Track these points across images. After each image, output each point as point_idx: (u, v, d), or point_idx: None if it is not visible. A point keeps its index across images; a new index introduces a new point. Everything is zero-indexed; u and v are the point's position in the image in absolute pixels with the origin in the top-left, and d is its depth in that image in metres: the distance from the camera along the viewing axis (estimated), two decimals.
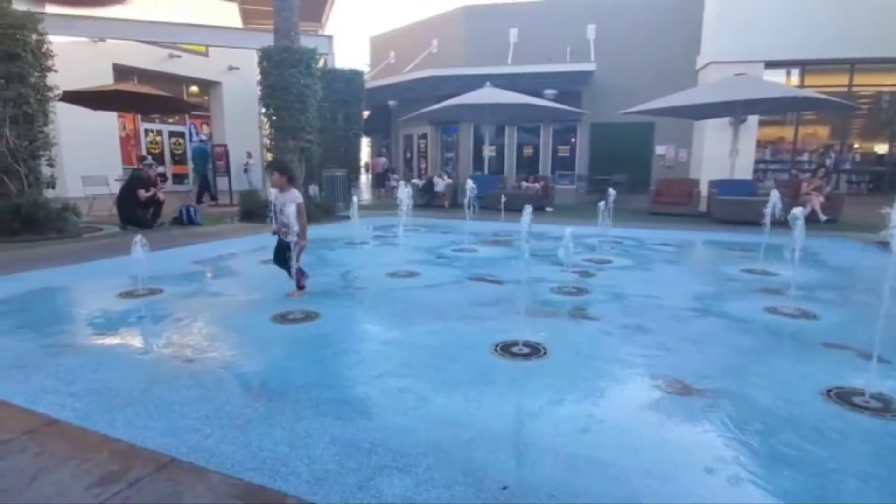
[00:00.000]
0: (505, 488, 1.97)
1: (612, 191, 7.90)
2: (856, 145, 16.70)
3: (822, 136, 16.75)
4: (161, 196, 9.63)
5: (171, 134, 19.02)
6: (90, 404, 2.60)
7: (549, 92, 16.39)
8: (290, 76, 10.61)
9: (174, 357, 3.31)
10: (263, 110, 11.25)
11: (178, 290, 5.03)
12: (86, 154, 14.15)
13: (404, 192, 6.20)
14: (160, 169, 11.21)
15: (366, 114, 18.66)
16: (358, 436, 2.32)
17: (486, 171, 15.06)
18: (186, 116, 19.04)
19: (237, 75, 19.61)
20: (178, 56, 17.92)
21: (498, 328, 3.84)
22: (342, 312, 4.42)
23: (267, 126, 11.32)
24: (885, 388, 2.73)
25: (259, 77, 11.07)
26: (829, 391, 2.81)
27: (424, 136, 21.26)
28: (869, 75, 15.52)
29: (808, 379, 2.98)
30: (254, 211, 10.25)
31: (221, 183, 14.80)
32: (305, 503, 1.84)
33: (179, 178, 18.48)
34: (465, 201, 7.72)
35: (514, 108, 13.61)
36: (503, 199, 10.44)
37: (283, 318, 4.08)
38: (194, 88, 19.70)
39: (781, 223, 5.11)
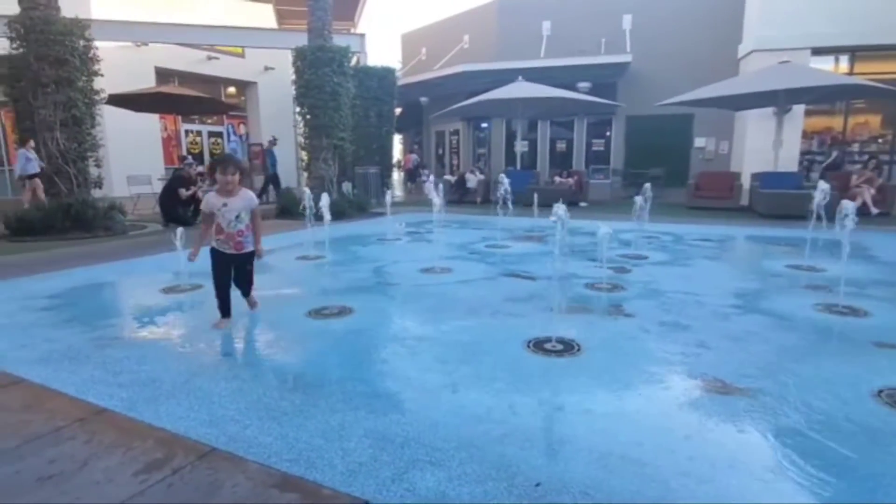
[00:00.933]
0: (538, 485, 1.95)
1: (647, 185, 7.71)
2: None
3: (874, 125, 15.92)
4: (201, 194, 9.94)
5: (210, 134, 19.59)
6: (136, 394, 2.71)
7: (583, 85, 16.10)
8: (323, 75, 10.77)
9: (214, 350, 3.42)
10: (298, 109, 11.47)
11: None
12: (130, 155, 14.74)
13: (432, 188, 6.20)
14: (199, 168, 11.57)
15: (398, 111, 18.77)
16: (391, 429, 2.34)
17: (518, 166, 14.93)
18: (224, 117, 19.57)
19: (272, 75, 20.04)
20: (216, 58, 18.42)
21: (531, 324, 3.81)
22: (376, 307, 4.47)
23: (301, 125, 11.53)
24: None
25: (293, 76, 11.28)
26: (881, 392, 2.68)
27: (456, 133, 21.24)
28: None
29: (857, 379, 2.84)
30: (289, 208, 10.47)
31: (258, 182, 15.16)
32: (341, 494, 1.87)
33: None
34: (498, 197, 7.69)
35: (546, 101, 13.43)
36: (536, 194, 10.34)
37: (317, 313, 4.16)
38: (231, 89, 20.24)
39: (829, 217, 4.89)
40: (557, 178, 13.42)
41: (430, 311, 4.32)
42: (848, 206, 4.10)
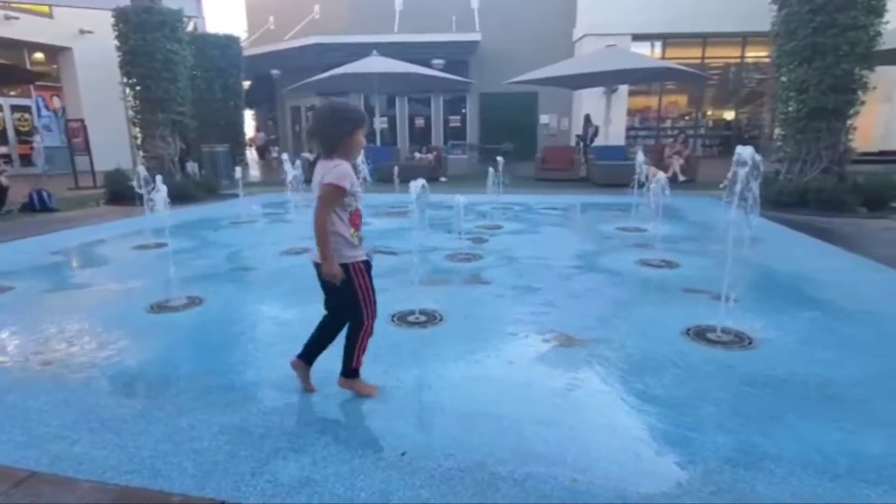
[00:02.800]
0: (404, 454, 2.00)
1: (500, 159, 8.14)
2: (709, 112, 18.69)
3: (682, 104, 18.53)
4: (4, 180, 8.34)
5: (15, 108, 16.41)
6: None
7: (437, 62, 16.36)
8: (153, 41, 9.56)
9: (30, 361, 2.93)
10: (125, 80, 10.07)
11: (32, 286, 4.44)
12: None
13: (289, 167, 5.91)
14: (0, 149, 9.68)
15: (246, 84, 17.42)
16: (249, 422, 2.22)
17: (378, 142, 14.82)
18: (31, 88, 16.47)
19: (91, 40, 17.20)
20: (15, 17, 15.34)
21: (394, 298, 3.83)
22: (229, 295, 4.17)
23: (131, 97, 10.16)
24: (732, 323, 3.14)
25: (117, 42, 9.85)
26: (689, 330, 3.18)
27: (313, 108, 20.35)
28: (719, 48, 17.29)
29: (670, 321, 3.34)
30: (122, 192, 9.22)
31: (81, 163, 13.10)
32: (192, 499, 1.74)
33: (27, 159, 16.07)
34: (360, 174, 7.57)
35: (402, 77, 13.42)
36: (396, 170, 10.36)
37: (161, 308, 3.77)
38: (39, 55, 17.06)
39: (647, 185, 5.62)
40: (417, 154, 13.58)
41: (291, 295, 4.14)
42: (661, 175, 4.73)
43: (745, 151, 2.88)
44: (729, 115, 18.53)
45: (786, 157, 8.19)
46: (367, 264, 2.37)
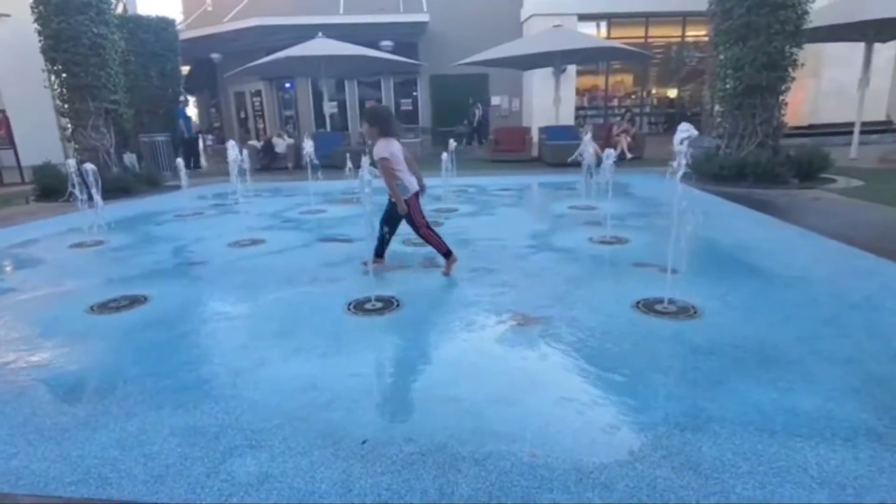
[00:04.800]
0: (364, 442, 2.00)
1: (452, 142, 8.12)
2: (653, 91, 19.20)
3: (628, 83, 18.95)
4: None
5: None
6: None
7: (386, 43, 16.07)
8: (77, 24, 8.92)
9: None
10: (49, 66, 9.38)
11: None
12: None
13: (235, 155, 5.69)
14: None
15: (185, 69, 16.59)
16: (203, 421, 2.16)
17: (328, 128, 14.47)
18: None
19: (8, 24, 15.91)
20: None
21: (350, 287, 3.80)
22: (176, 292, 4.00)
23: (56, 85, 9.49)
24: (678, 294, 3.27)
25: (37, 25, 9.14)
26: (639, 303, 3.29)
27: (258, 94, 19.62)
28: (661, 27, 17.73)
29: (621, 295, 3.45)
30: (53, 188, 8.66)
31: (6, 157, 12.19)
32: None
33: None
34: (307, 161, 7.39)
35: (350, 60, 13.10)
36: (348, 156, 10.17)
37: (102, 308, 3.58)
38: None
39: (597, 163, 5.73)
40: (369, 140, 13.36)
41: (243, 288, 4.02)
42: (608, 152, 4.84)
43: (684, 126, 2.97)
44: (672, 93, 19.10)
45: (724, 132, 8.52)
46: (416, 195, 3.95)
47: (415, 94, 18.59)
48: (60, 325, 3.34)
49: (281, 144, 13.29)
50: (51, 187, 8.73)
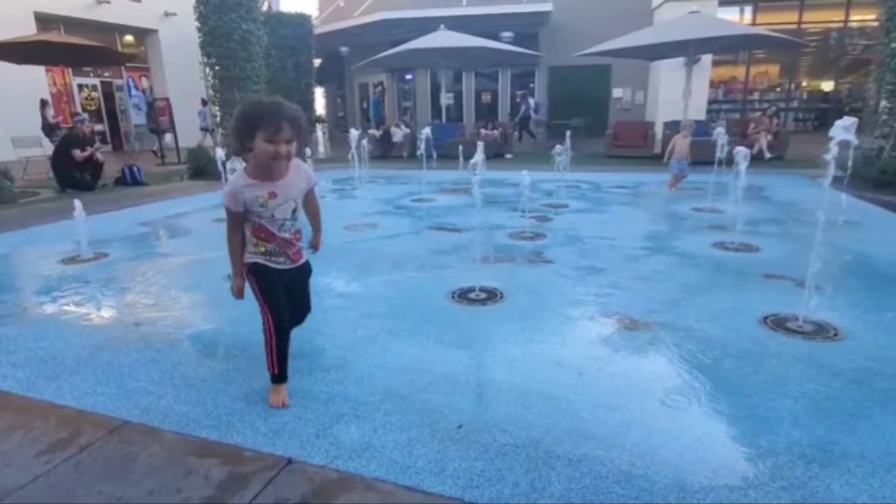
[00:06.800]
0: (460, 427, 2.04)
1: (568, 135, 7.91)
2: (804, 83, 17.11)
3: (773, 74, 17.07)
4: (100, 157, 9.09)
5: (107, 88, 17.76)
6: (34, 373, 2.51)
7: (506, 34, 15.99)
8: (230, 21, 9.98)
9: (122, 322, 3.22)
10: (205, 59, 10.61)
11: (124, 254, 4.84)
12: (13, 113, 13.10)
13: (354, 142, 6.01)
14: (97, 127, 10.52)
15: (317, 62, 17.85)
16: (315, 387, 2.34)
17: (443, 119, 14.78)
18: (122, 69, 17.76)
19: (174, 22, 18.24)
20: (107, 2, 16.50)
21: (456, 275, 3.87)
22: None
23: (210, 76, 10.70)
24: (817, 312, 2.91)
25: (198, 23, 10.36)
26: (766, 318, 2.98)
27: (380, 85, 20.59)
28: (818, 12, 15.72)
29: (746, 308, 3.14)
30: (204, 168, 9.83)
31: (168, 140, 14.06)
32: (263, 454, 1.87)
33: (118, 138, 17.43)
34: (422, 150, 7.62)
35: (469, 51, 13.24)
36: (461, 147, 10.32)
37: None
38: (129, 37, 18.31)
39: (730, 162, 5.25)
40: (483, 131, 13.42)
41: (355, 268, 4.27)
42: (741, 151, 4.40)
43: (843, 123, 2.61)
44: (827, 85, 16.89)
45: (891, 132, 7.37)
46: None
47: (532, 85, 18.32)
48: (203, 290, 3.79)
49: (398, 134, 13.83)
50: (201, 167, 9.91)
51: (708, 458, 1.85)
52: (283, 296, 2.21)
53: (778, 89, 16.95)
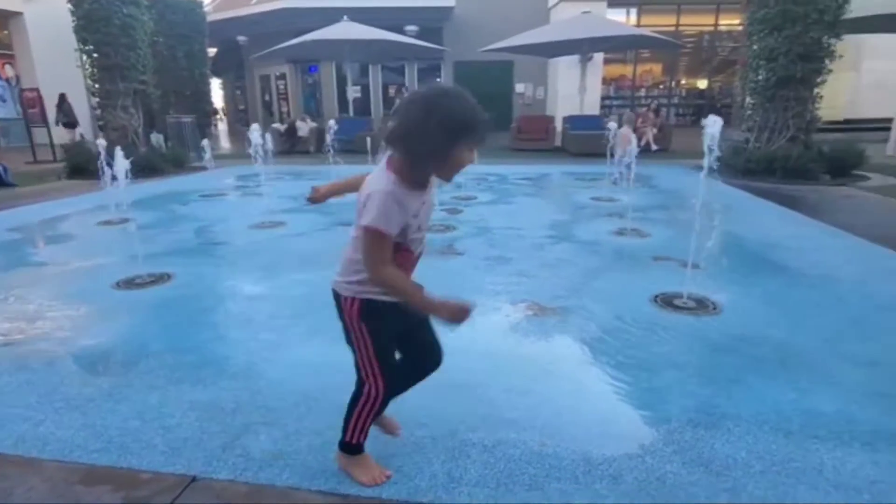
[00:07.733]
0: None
1: None
2: (683, 81, 18.76)
3: (657, 73, 18.54)
4: None
5: None
6: None
7: (411, 28, 15.97)
8: (108, 4, 9.09)
9: None
10: (81, 46, 9.57)
11: None
12: None
13: (256, 138, 5.75)
14: None
15: (212, 51, 16.76)
16: (220, 397, 2.21)
17: (351, 112, 14.51)
18: None
19: (43, 4, 16.24)
20: None
21: None
22: (199, 271, 4.08)
23: (88, 65, 9.69)
24: (698, 289, 3.22)
25: (70, 6, 9.32)
26: (657, 297, 3.25)
27: (283, 77, 19.74)
28: (692, 16, 17.26)
29: (639, 289, 3.41)
30: (83, 166, 8.88)
31: (39, 135, 12.51)
32: (162, 475, 1.73)
33: None
34: (329, 145, 7.44)
35: (375, 44, 13.07)
36: (369, 141, 10.20)
37: (128, 284, 3.68)
38: None
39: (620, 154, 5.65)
40: (390, 124, 13.34)
41: (263, 269, 4.08)
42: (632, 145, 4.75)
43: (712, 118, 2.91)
44: (702, 83, 18.65)
45: (755, 125, 8.30)
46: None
47: (438, 79, 18.47)
48: (88, 300, 3.44)
49: (304, 128, 13.38)
50: (81, 165, 8.95)
51: (611, 430, 1.99)
52: (407, 342, 1.78)
53: (661, 86, 18.45)
